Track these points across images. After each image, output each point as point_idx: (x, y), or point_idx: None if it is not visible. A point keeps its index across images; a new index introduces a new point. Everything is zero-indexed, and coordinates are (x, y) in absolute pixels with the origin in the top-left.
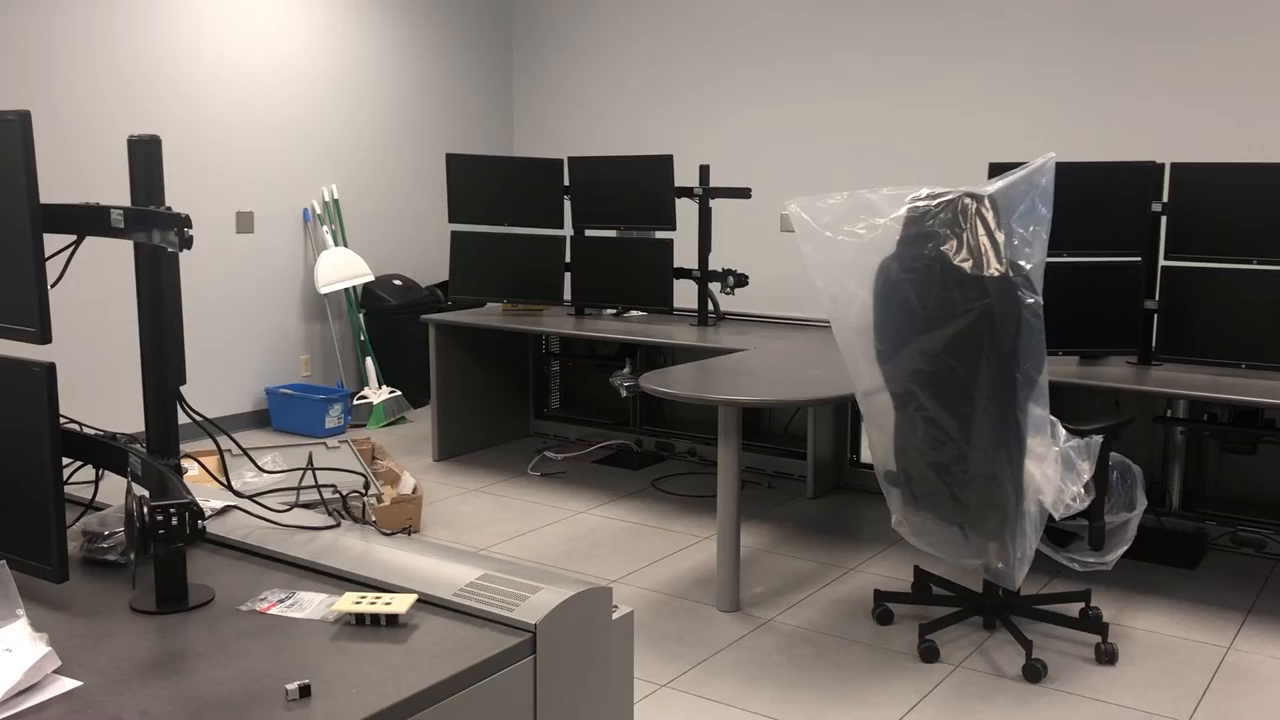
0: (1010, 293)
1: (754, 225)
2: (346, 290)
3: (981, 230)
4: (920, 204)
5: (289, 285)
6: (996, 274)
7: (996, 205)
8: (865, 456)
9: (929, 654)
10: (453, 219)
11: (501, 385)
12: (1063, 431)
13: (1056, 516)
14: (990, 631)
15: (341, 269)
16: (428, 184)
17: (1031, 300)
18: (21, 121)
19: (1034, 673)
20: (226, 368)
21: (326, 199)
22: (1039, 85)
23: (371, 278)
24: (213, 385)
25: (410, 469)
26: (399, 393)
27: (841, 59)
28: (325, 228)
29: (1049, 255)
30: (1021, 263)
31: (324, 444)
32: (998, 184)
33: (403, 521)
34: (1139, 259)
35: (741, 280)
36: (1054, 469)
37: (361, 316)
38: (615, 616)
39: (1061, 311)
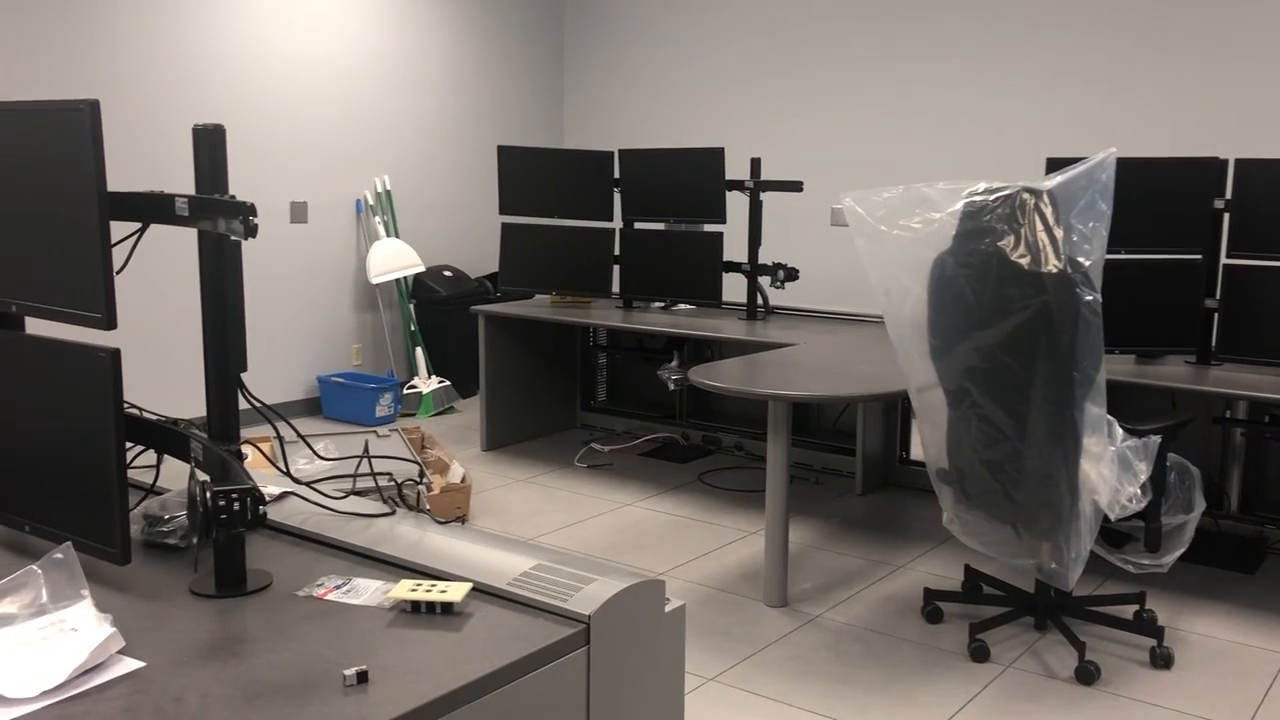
0: (1068, 290)
1: (804, 219)
2: (397, 281)
3: (1040, 226)
4: (977, 198)
5: (341, 275)
6: (1055, 270)
7: (1055, 200)
8: (915, 453)
9: (979, 653)
10: (503, 211)
11: (549, 376)
12: (1120, 431)
13: (1112, 517)
14: (1042, 632)
15: (393, 259)
16: (478, 176)
17: (1090, 297)
18: (91, 110)
19: (1087, 675)
20: (280, 356)
21: (379, 190)
22: (1096, 80)
23: (422, 268)
24: (266, 373)
25: (459, 458)
26: (448, 383)
27: (896, 52)
28: (377, 218)
29: (1108, 252)
30: (1080, 259)
31: (375, 432)
32: (1057, 179)
33: (452, 510)
34: (1200, 256)
35: (792, 274)
36: (1110, 469)
37: (412, 307)
38: (668, 609)
39: (1119, 309)
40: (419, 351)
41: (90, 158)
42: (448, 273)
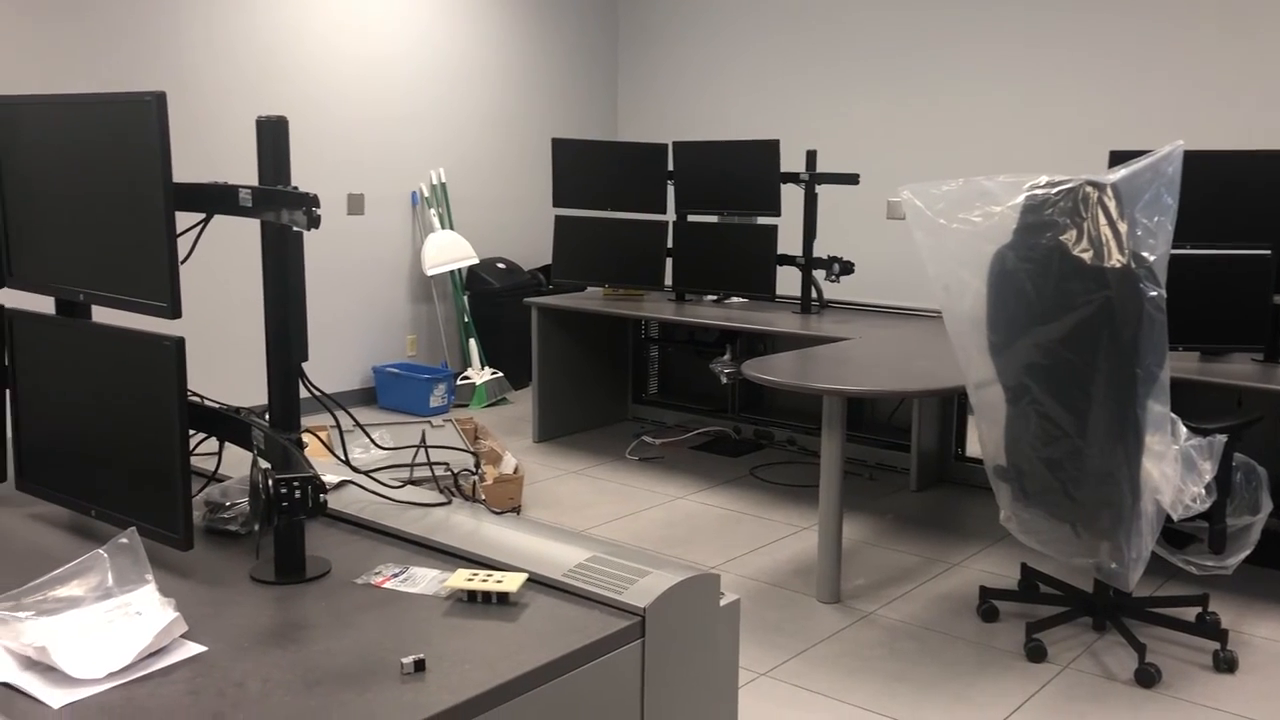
0: (1132, 285)
1: (860, 212)
2: (452, 273)
3: (1103, 220)
4: (1039, 192)
5: (397, 267)
6: (1118, 265)
7: (1119, 194)
8: (971, 450)
9: (1036, 653)
10: (557, 203)
11: (601, 369)
12: (1184, 429)
13: (1175, 517)
14: (1100, 633)
15: (447, 251)
16: (532, 168)
17: (1154, 293)
18: (157, 102)
19: (1147, 677)
20: (336, 346)
21: (434, 182)
22: (1162, 71)
23: (476, 260)
24: (323, 363)
25: (511, 449)
26: (500, 374)
27: (953, 45)
28: (432, 211)
29: (1173, 247)
30: (1144, 254)
31: (429, 422)
32: (1121, 172)
33: (505, 501)
34: (1270, 252)
35: (847, 268)
36: (1173, 468)
37: (466, 298)
38: (722, 603)
39: (1185, 305)
40: (472, 343)
41: (157, 149)
42: (501, 265)
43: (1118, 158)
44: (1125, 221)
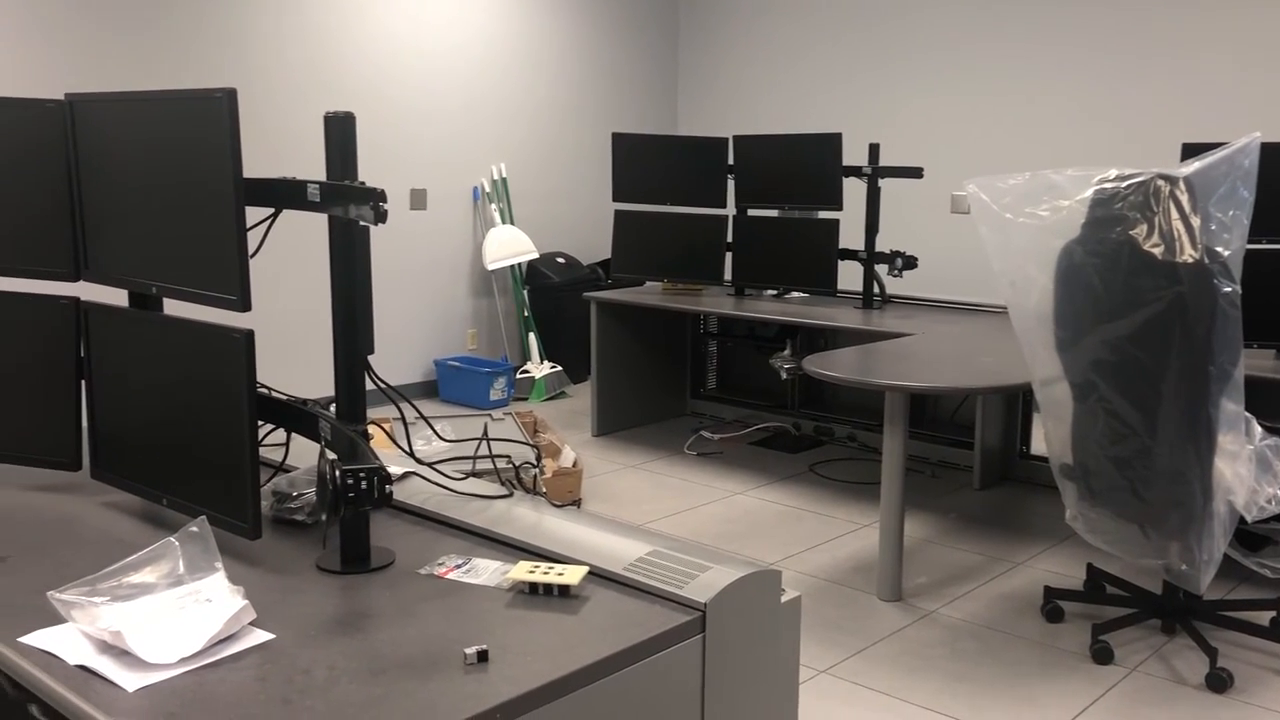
0: (1205, 281)
1: (923, 206)
2: (512, 267)
3: (1175, 214)
4: (1108, 185)
5: (458, 261)
6: (1190, 260)
7: (1192, 188)
8: (1036, 448)
9: (1102, 655)
10: (617, 198)
11: (659, 363)
12: (1259, 429)
13: (1249, 519)
14: (1169, 636)
15: (508, 246)
16: (592, 163)
17: (1229, 289)
18: (228, 98)
19: (1218, 682)
20: (399, 339)
21: (495, 177)
22: (1236, 62)
23: (536, 255)
24: (386, 356)
25: (570, 443)
26: (559, 368)
27: (1020, 35)
28: (493, 206)
29: (1249, 241)
30: (1219, 249)
31: (489, 415)
32: (1194, 165)
33: (564, 494)
34: None
35: (910, 262)
36: (1247, 468)
37: (525, 293)
38: (783, 600)
39: (1261, 301)
40: (532, 337)
41: (227, 144)
42: (560, 259)
43: (1191, 150)
44: (1199, 216)
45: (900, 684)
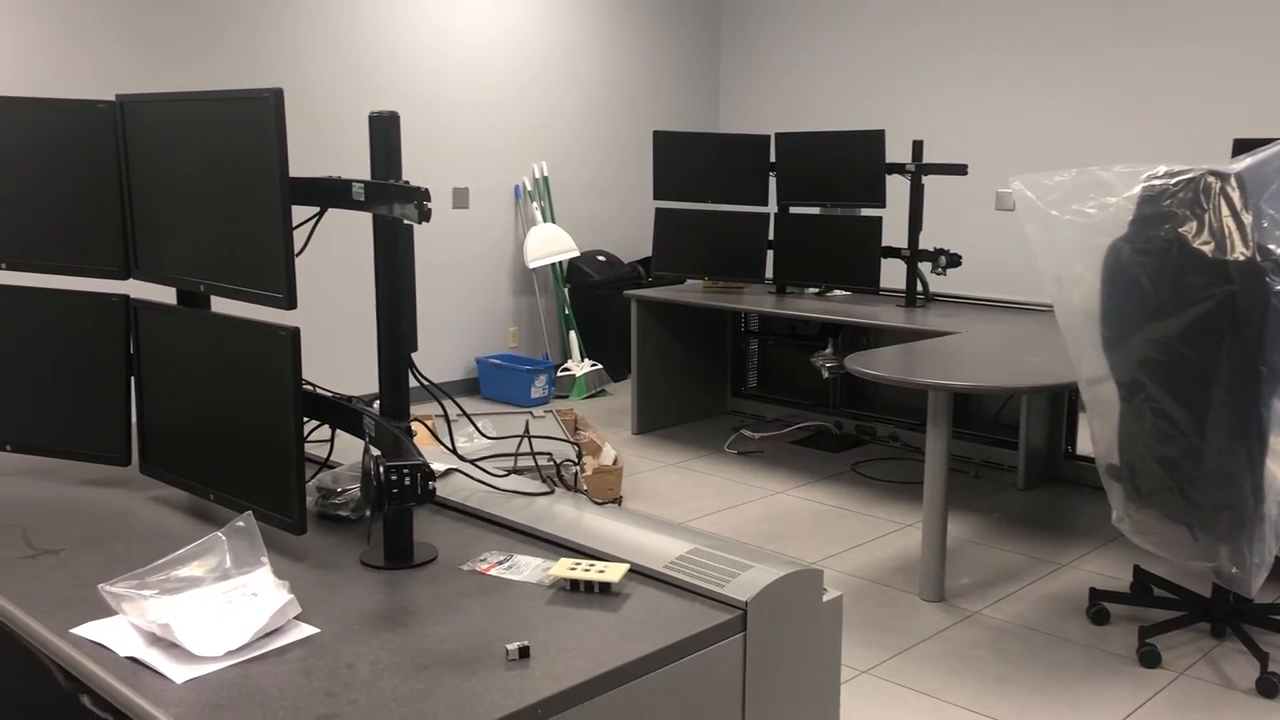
0: (1257, 279)
1: (967, 203)
2: (553, 265)
3: (1226, 211)
4: (1157, 182)
5: (500, 259)
6: (1242, 258)
7: (1244, 184)
8: (1082, 448)
9: (1149, 658)
10: (657, 196)
11: (700, 362)
12: None
13: None
14: (1219, 639)
15: (549, 244)
16: (633, 161)
17: None
18: (275, 98)
19: (1270, 687)
20: (441, 337)
21: (537, 176)
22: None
23: (577, 253)
24: (428, 353)
25: (610, 441)
26: (600, 366)
27: (1065, 30)
28: (535, 204)
29: None
30: (1272, 246)
31: (530, 413)
32: (1246, 161)
33: (604, 491)
34: None
35: (954, 260)
36: None
37: (566, 291)
38: (825, 599)
39: None
40: (572, 335)
41: (274, 144)
42: (601, 257)
43: (1242, 146)
44: (1250, 213)
45: (943, 685)
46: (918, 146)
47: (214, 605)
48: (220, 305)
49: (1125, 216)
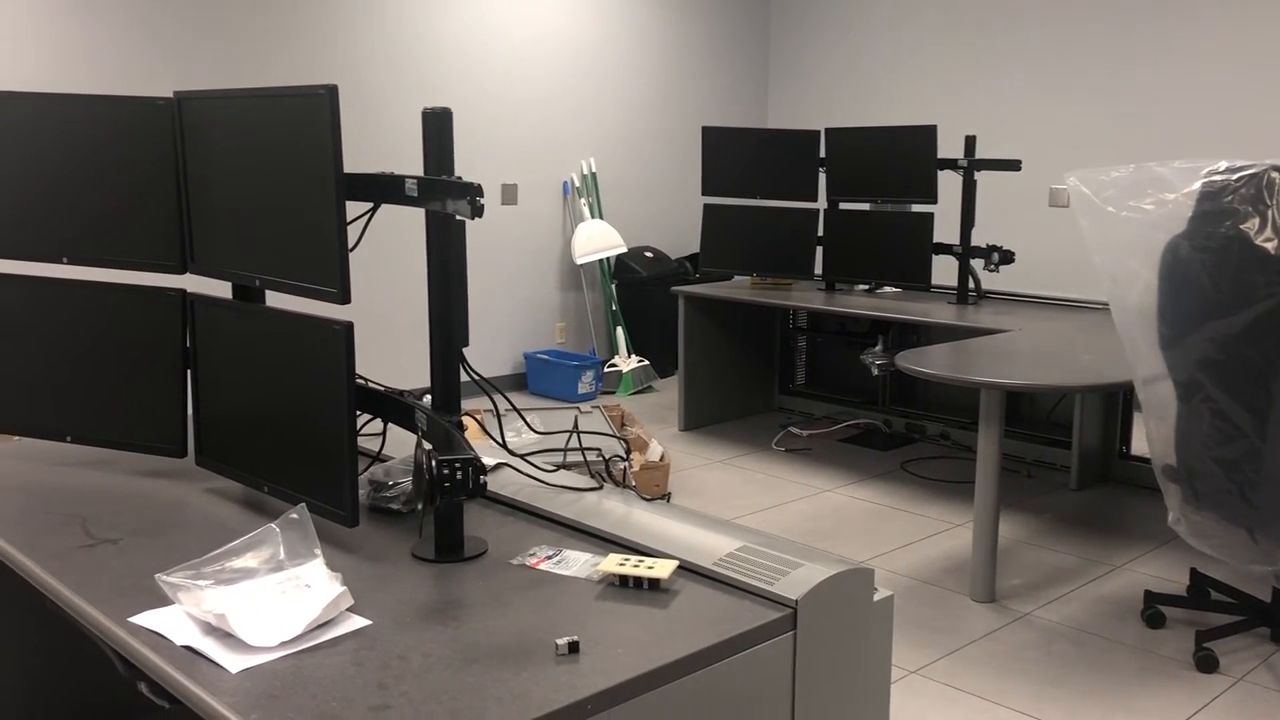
0: None
1: (1020, 200)
2: (600, 261)
3: None
4: (1218, 178)
5: (548, 255)
6: None
7: None
8: (1137, 448)
9: (1206, 663)
10: (706, 191)
11: (747, 358)
12: None
13: None
14: (1279, 645)
15: (597, 240)
16: (680, 157)
17: None
18: (330, 95)
19: None
20: (489, 332)
21: (585, 172)
22: None
23: (624, 249)
24: (477, 348)
25: (656, 437)
26: (647, 362)
27: (1120, 24)
28: (583, 200)
29: None
30: None
31: (578, 408)
32: None
33: (651, 488)
34: None
35: (1007, 257)
36: None
37: (614, 287)
38: (876, 598)
39: None
40: (619, 331)
41: (329, 140)
42: (648, 253)
43: None
44: None
45: (994, 686)
46: (970, 142)
47: (268, 596)
48: (275, 299)
49: (1184, 213)
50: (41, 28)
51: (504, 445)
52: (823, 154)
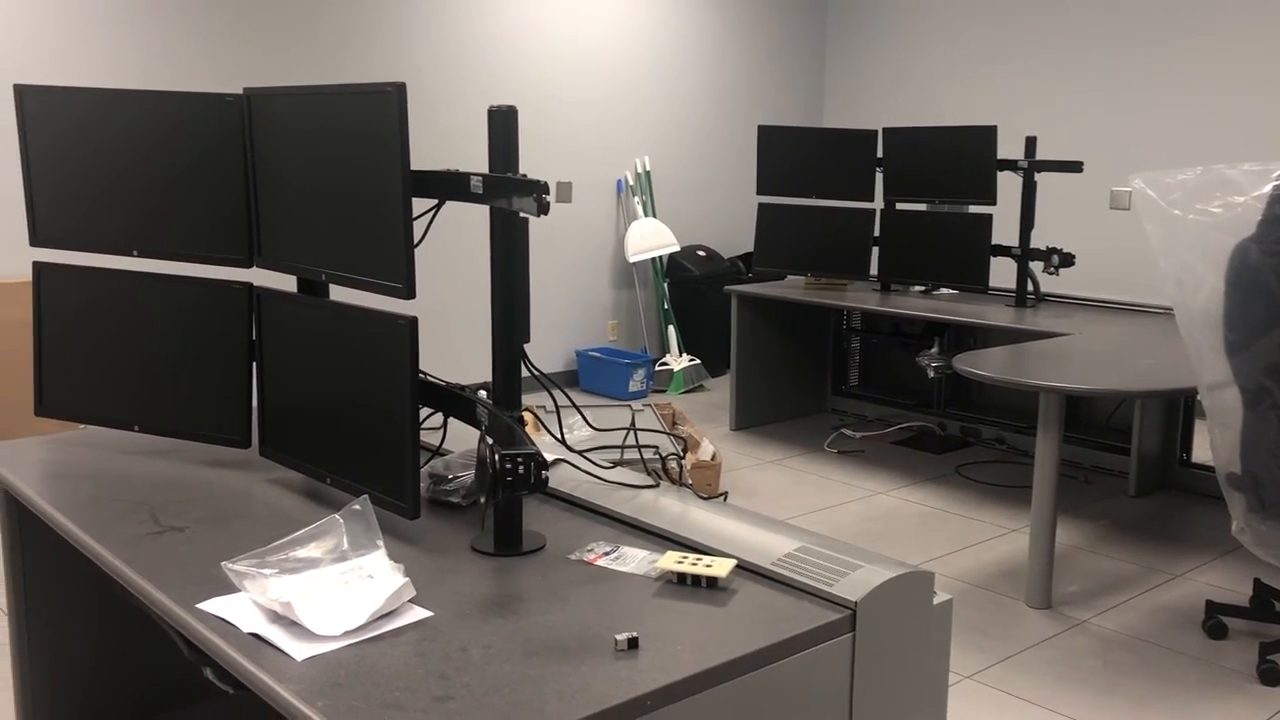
0: None
1: (1080, 202)
2: (653, 259)
3: None
4: None
5: (601, 253)
6: None
7: None
8: (1198, 455)
9: (1270, 676)
10: (761, 191)
11: (800, 359)
12: None
13: None
14: None
15: (650, 239)
16: (734, 156)
17: None
18: (398, 92)
19: None
20: (542, 329)
21: (639, 170)
22: None
23: (678, 248)
24: (530, 345)
25: (708, 437)
26: (698, 361)
27: (1185, 22)
28: (636, 198)
29: None
30: None
31: (629, 406)
32: None
33: (702, 487)
34: None
35: (1067, 260)
36: None
37: (666, 285)
38: (935, 602)
39: None
40: (671, 329)
41: (396, 137)
42: (701, 252)
43: None
44: None
45: (1050, 694)
46: (1030, 143)
47: (332, 586)
48: (337, 294)
49: (1253, 216)
50: (117, 26)
51: (562, 441)
52: (880, 154)
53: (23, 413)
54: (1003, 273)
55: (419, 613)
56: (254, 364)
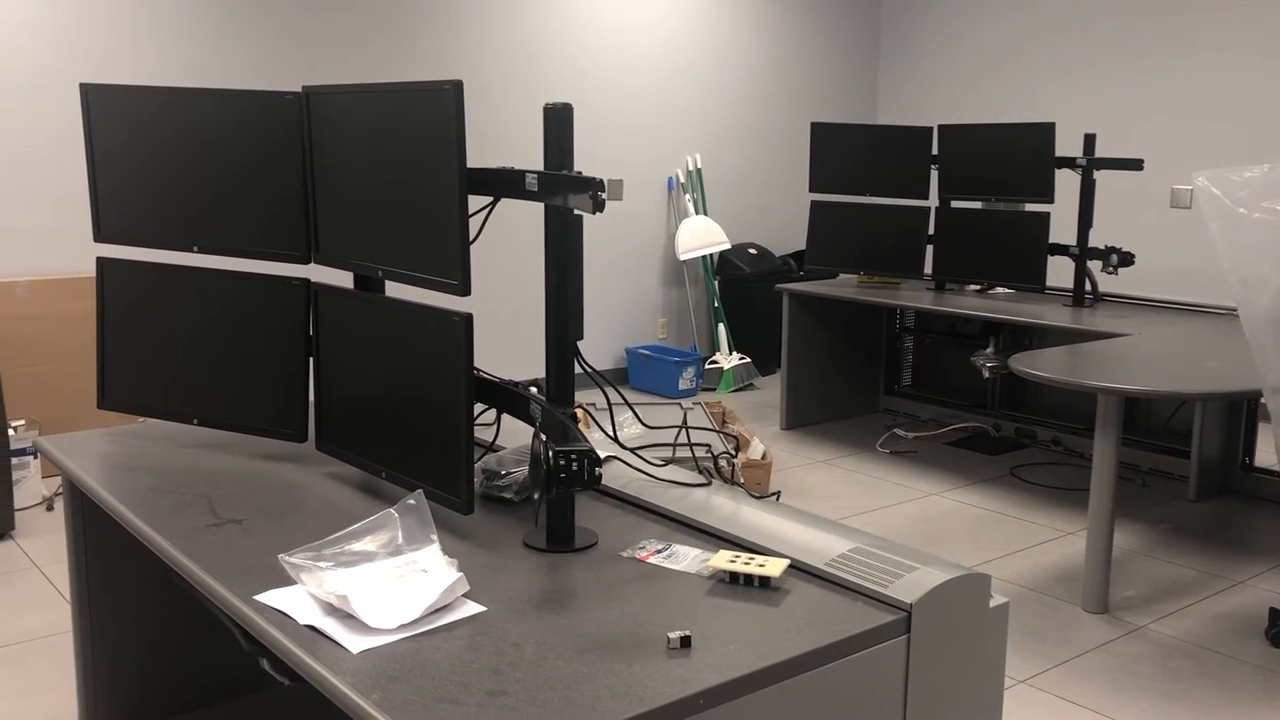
0: None
1: (1139, 200)
2: (703, 257)
3: None
4: None
5: (651, 251)
6: None
7: None
8: (1261, 459)
9: None
10: (814, 188)
11: (851, 358)
12: None
13: None
14: None
15: (701, 236)
16: (785, 153)
17: None
18: (455, 90)
19: None
20: (592, 327)
21: (690, 168)
22: None
23: (728, 246)
24: (581, 342)
25: (758, 435)
26: (748, 359)
27: (1246, 17)
28: (687, 196)
29: None
30: None
31: (679, 404)
32: None
33: (752, 486)
34: None
35: (1126, 259)
36: None
37: (716, 283)
38: (991, 605)
39: None
40: (721, 327)
41: (453, 135)
42: (752, 250)
43: None
44: None
45: (1107, 700)
46: (1089, 140)
47: (387, 579)
48: (393, 290)
49: None
50: (179, 25)
51: (615, 438)
52: (935, 151)
53: (86, 405)
54: (1060, 272)
55: (472, 607)
56: (311, 359)
